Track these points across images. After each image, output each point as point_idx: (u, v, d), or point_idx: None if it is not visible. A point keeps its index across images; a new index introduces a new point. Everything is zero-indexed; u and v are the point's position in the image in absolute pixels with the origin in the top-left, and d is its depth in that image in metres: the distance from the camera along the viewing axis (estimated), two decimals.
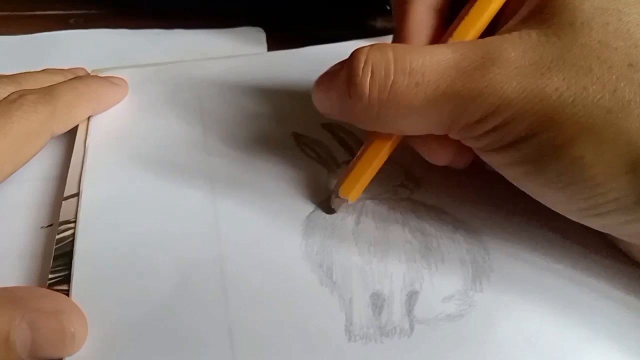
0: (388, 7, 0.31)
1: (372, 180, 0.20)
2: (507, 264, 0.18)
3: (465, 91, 0.15)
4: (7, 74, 0.23)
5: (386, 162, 0.20)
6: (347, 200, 0.20)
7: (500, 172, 0.17)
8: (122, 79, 0.25)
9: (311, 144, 0.23)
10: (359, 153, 0.19)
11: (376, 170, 0.19)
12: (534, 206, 0.20)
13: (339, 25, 0.32)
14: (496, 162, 0.17)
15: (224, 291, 0.17)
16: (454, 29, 0.18)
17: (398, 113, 0.16)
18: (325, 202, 0.20)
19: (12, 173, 0.20)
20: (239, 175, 0.21)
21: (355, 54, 0.17)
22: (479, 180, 0.21)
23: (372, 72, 0.16)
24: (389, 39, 0.31)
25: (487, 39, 0.16)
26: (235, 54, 0.30)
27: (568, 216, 0.17)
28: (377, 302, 0.17)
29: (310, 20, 0.34)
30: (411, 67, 0.16)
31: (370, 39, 0.30)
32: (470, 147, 0.17)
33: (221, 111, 0.24)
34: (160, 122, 0.24)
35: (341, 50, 0.29)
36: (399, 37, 0.19)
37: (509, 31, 0.16)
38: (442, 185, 0.21)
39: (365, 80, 0.16)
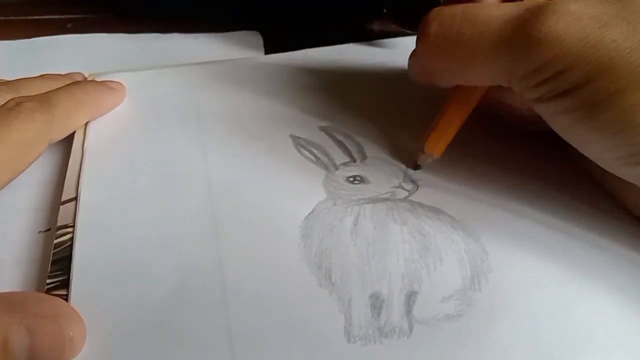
0: (384, 11, 0.31)
1: (373, 180, 0.19)
2: (506, 264, 0.18)
3: (525, 38, 0.16)
4: (5, 79, 0.23)
5: (385, 163, 0.20)
6: (432, 157, 0.21)
7: (551, 122, 0.18)
8: (119, 83, 0.25)
9: (309, 146, 0.23)
10: (442, 109, 0.21)
11: (459, 126, 0.21)
12: (533, 207, 0.20)
13: (335, 29, 0.33)
14: (550, 110, 0.18)
15: (223, 294, 0.17)
16: None
17: (464, 60, 0.18)
18: (410, 160, 0.22)
19: (10, 181, 0.20)
20: (237, 178, 0.21)
21: (428, 12, 0.19)
22: (477, 181, 0.21)
23: (440, 22, 0.18)
24: (387, 41, 0.31)
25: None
26: (232, 58, 0.30)
27: (606, 166, 0.18)
28: (376, 303, 0.17)
29: (306, 24, 0.34)
30: (476, 18, 0.18)
31: (367, 42, 0.31)
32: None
33: (219, 114, 0.24)
34: (158, 125, 0.24)
35: (338, 53, 0.30)
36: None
37: None
38: (441, 185, 0.21)
39: (433, 29, 0.18)
